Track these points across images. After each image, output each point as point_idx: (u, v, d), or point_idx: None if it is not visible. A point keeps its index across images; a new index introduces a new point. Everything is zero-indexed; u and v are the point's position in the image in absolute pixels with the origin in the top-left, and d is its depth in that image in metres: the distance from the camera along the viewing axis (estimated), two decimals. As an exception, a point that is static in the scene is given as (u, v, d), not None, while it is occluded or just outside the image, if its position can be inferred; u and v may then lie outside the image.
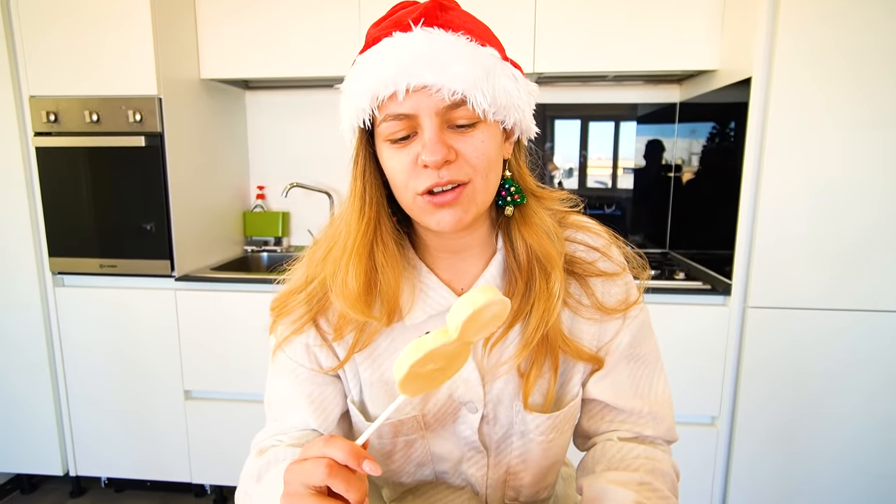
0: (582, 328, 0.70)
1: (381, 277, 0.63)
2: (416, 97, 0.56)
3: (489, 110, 0.57)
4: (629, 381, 0.73)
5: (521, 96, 0.61)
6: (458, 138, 0.58)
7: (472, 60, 0.55)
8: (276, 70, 1.97)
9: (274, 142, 2.38)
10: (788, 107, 1.53)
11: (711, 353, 1.71)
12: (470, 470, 0.74)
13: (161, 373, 1.94)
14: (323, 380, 0.71)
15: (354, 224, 0.62)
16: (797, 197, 1.57)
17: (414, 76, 0.54)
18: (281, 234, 2.38)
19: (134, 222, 1.87)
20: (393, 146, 0.59)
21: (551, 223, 0.67)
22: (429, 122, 0.56)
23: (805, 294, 1.62)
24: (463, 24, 0.58)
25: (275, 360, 0.72)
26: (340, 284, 0.62)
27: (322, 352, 0.69)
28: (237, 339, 1.88)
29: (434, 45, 0.55)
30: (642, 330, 0.73)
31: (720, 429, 1.75)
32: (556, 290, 0.65)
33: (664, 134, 2.24)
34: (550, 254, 0.65)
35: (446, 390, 0.69)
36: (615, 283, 0.71)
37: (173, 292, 1.88)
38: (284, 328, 0.69)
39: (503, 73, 0.58)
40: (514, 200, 0.66)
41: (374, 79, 0.56)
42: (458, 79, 0.54)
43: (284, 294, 0.70)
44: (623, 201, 2.32)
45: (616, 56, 1.84)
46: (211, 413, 1.96)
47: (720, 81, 1.81)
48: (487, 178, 0.60)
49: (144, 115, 1.80)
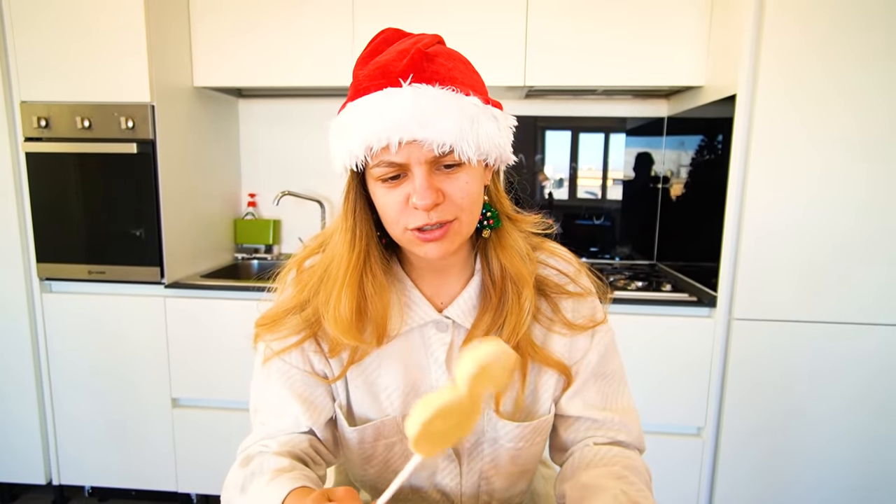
0: (554, 341, 0.77)
1: (370, 305, 0.68)
2: (407, 148, 0.60)
3: (473, 156, 0.62)
4: (599, 397, 0.78)
5: (502, 134, 0.66)
6: (445, 180, 0.63)
7: (458, 113, 0.60)
8: (269, 79, 1.99)
9: (266, 150, 2.40)
10: (772, 123, 1.57)
11: (697, 364, 1.74)
12: (444, 481, 0.78)
13: (148, 380, 1.93)
14: (314, 381, 0.74)
15: (345, 256, 0.67)
16: (781, 211, 1.61)
17: (405, 132, 0.59)
18: (272, 241, 2.38)
19: (124, 229, 1.87)
20: (384, 185, 0.64)
21: (524, 245, 0.74)
22: (419, 170, 0.62)
23: (788, 307, 1.65)
24: (447, 73, 0.62)
25: (265, 366, 0.74)
26: (333, 313, 0.67)
27: (316, 357, 0.74)
28: (226, 347, 1.88)
29: (422, 102, 0.59)
30: (608, 350, 0.80)
31: (706, 439, 1.77)
32: (527, 305, 0.71)
33: (652, 146, 2.28)
34: (522, 273, 0.71)
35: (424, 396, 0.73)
36: (583, 303, 0.78)
37: (163, 299, 1.88)
38: (279, 343, 0.73)
39: (486, 117, 0.63)
40: (489, 225, 0.73)
41: (367, 131, 0.60)
42: (446, 133, 0.59)
43: (276, 313, 0.73)
44: (612, 212, 2.35)
45: (605, 71, 1.88)
46: (198, 421, 1.95)
47: (706, 97, 1.85)
48: (472, 213, 0.67)
49: (137, 122, 1.80)
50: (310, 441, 0.74)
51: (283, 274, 0.77)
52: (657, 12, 1.84)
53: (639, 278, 1.96)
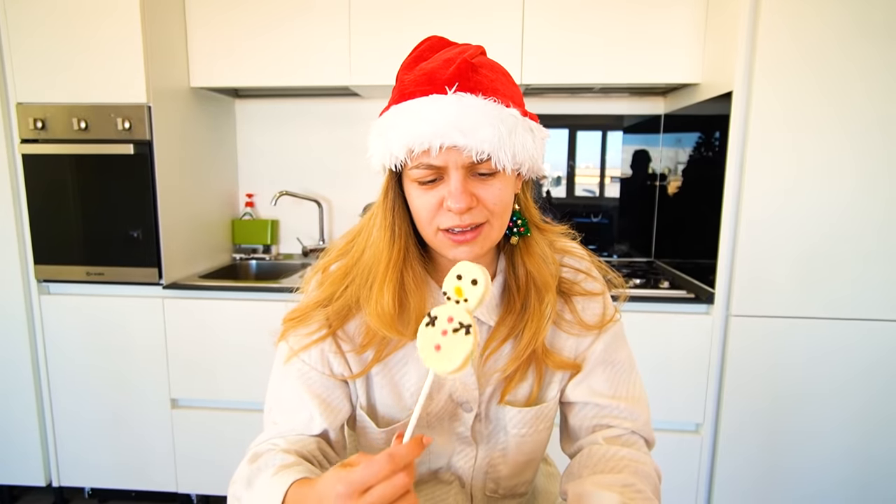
0: (563, 341, 0.79)
1: (410, 298, 0.71)
2: (447, 153, 0.63)
3: (509, 165, 0.64)
4: (606, 384, 0.80)
5: (537, 146, 0.68)
6: (480, 186, 0.66)
7: (498, 123, 0.62)
8: (265, 79, 1.99)
9: (263, 150, 2.40)
10: (767, 120, 1.58)
11: (695, 361, 1.75)
12: (459, 462, 0.82)
13: (147, 381, 1.94)
14: (332, 384, 0.76)
15: (385, 252, 0.70)
16: (777, 207, 1.62)
17: (447, 138, 0.61)
18: (270, 242, 2.39)
19: (121, 230, 1.87)
20: (421, 187, 0.67)
21: (550, 253, 0.77)
22: (455, 175, 0.64)
23: (785, 303, 1.66)
24: (490, 84, 0.65)
25: (285, 366, 0.76)
26: (375, 306, 0.70)
27: (336, 359, 0.75)
28: (225, 348, 1.89)
29: (465, 110, 0.62)
30: (616, 339, 0.82)
31: (704, 436, 1.79)
32: (548, 312, 0.74)
33: (650, 144, 2.28)
34: (547, 280, 0.74)
35: (447, 392, 0.77)
36: (595, 301, 0.81)
37: (161, 300, 1.89)
38: (301, 338, 0.74)
39: (523, 129, 0.65)
40: (519, 232, 0.75)
41: (411, 134, 0.63)
42: (486, 141, 0.62)
43: (304, 307, 0.75)
44: (610, 210, 2.36)
45: (602, 69, 1.89)
46: (198, 422, 1.95)
47: (703, 94, 1.86)
48: (502, 219, 0.69)
49: (133, 123, 1.80)
50: (318, 443, 0.75)
51: (309, 277, 0.79)
52: (653, 10, 1.85)
53: (636, 275, 1.96)
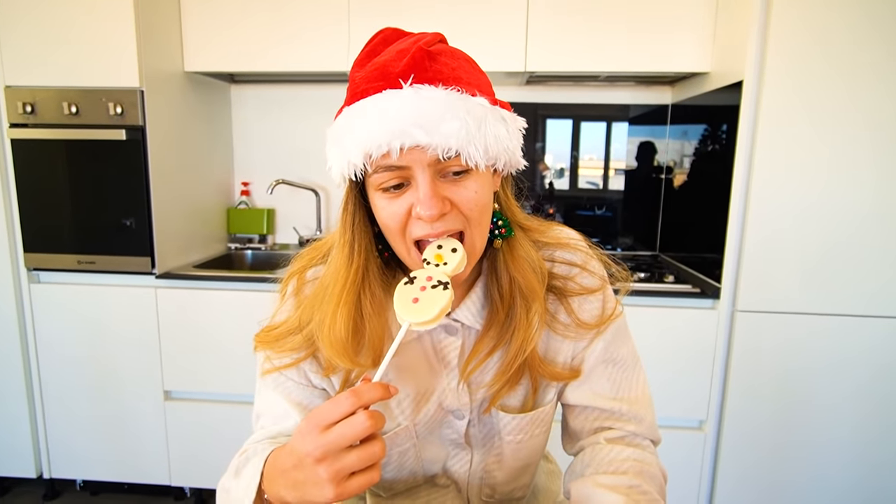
0: (558, 345, 0.74)
1: (367, 325, 0.66)
2: (409, 154, 0.57)
3: (482, 161, 0.59)
4: (608, 385, 0.76)
5: (511, 137, 0.62)
6: (452, 188, 0.60)
7: (464, 115, 0.57)
8: (262, 64, 1.96)
9: (259, 137, 2.38)
10: (779, 111, 1.56)
11: (700, 356, 1.74)
12: (454, 466, 0.79)
13: (140, 373, 1.93)
14: (312, 392, 0.74)
15: (342, 272, 0.65)
16: (787, 201, 1.60)
17: (407, 136, 0.56)
18: (266, 231, 2.37)
19: (113, 218, 1.85)
20: (385, 195, 0.61)
21: (535, 256, 0.71)
22: (423, 177, 0.58)
23: (793, 298, 1.64)
24: (451, 72, 0.59)
25: (263, 378, 0.74)
26: (327, 332, 0.65)
27: (315, 377, 0.73)
28: (219, 339, 1.88)
29: (425, 105, 0.56)
30: (618, 334, 0.77)
31: (707, 433, 1.78)
32: (536, 321, 0.68)
33: (656, 135, 2.26)
34: (533, 287, 0.68)
35: (436, 401, 0.73)
36: (593, 298, 0.74)
37: (154, 290, 1.87)
38: (279, 360, 0.72)
39: (493, 119, 0.60)
40: (500, 234, 0.70)
41: (366, 137, 0.57)
42: (451, 137, 0.56)
43: (276, 333, 0.72)
44: (614, 203, 2.34)
45: (608, 57, 1.86)
46: (191, 414, 1.95)
47: (712, 84, 1.83)
48: (481, 224, 0.64)
49: (126, 108, 1.79)
50: None
51: (283, 284, 0.75)
52: (662, -4, 1.82)
53: (641, 269, 1.95)
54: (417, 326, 0.59)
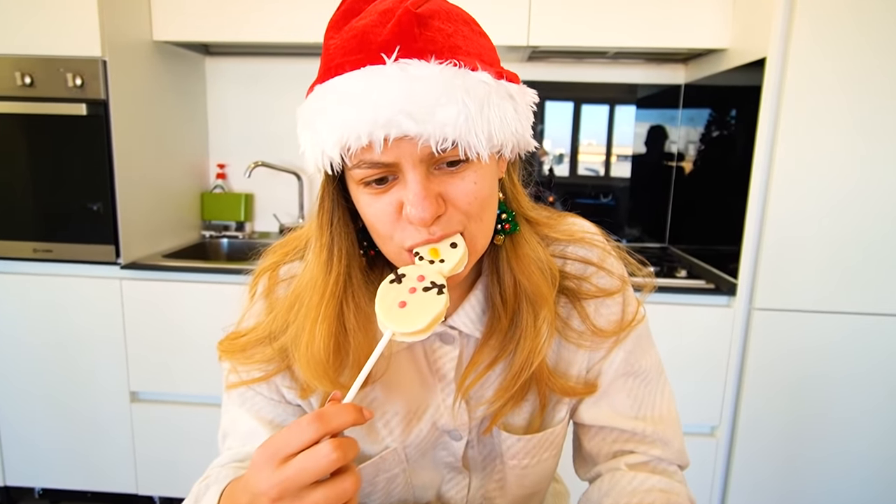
0: (571, 355, 0.68)
1: (351, 341, 0.59)
2: (397, 145, 0.49)
3: (484, 150, 0.50)
4: (628, 402, 0.70)
5: (520, 116, 0.54)
6: (447, 181, 0.53)
7: (462, 97, 0.49)
8: (240, 34, 1.87)
9: (237, 115, 2.30)
10: (806, 92, 1.49)
11: (713, 357, 1.68)
12: (450, 493, 0.73)
13: (104, 372, 1.85)
14: (287, 410, 0.68)
15: (320, 280, 0.58)
16: (811, 191, 1.54)
17: (393, 126, 0.48)
18: (243, 218, 2.30)
19: (73, 202, 1.76)
20: (368, 190, 0.54)
21: (544, 254, 0.64)
22: (413, 174, 0.51)
23: (816, 296, 1.58)
24: (447, 41, 0.51)
25: (229, 393, 0.69)
26: (304, 351, 0.58)
27: (290, 393, 0.67)
28: (191, 336, 1.80)
29: (414, 86, 0.48)
30: (640, 342, 0.70)
31: (720, 439, 1.73)
32: (545, 329, 0.62)
33: (666, 119, 2.20)
34: (541, 290, 0.62)
35: (429, 419, 0.68)
36: (611, 301, 0.69)
37: (118, 281, 1.79)
38: (247, 373, 0.66)
39: (499, 97, 0.52)
40: (504, 230, 0.63)
41: (342, 125, 0.49)
42: (448, 125, 0.48)
43: (244, 342, 0.65)
44: (618, 191, 2.27)
45: (618, 31, 1.78)
46: (160, 417, 1.87)
47: (730, 62, 1.76)
48: (483, 221, 0.56)
49: (86, 80, 1.70)
50: None
51: (252, 283, 0.68)
52: (678, -36, 1.74)
53: (649, 262, 1.89)
54: (403, 337, 0.51)
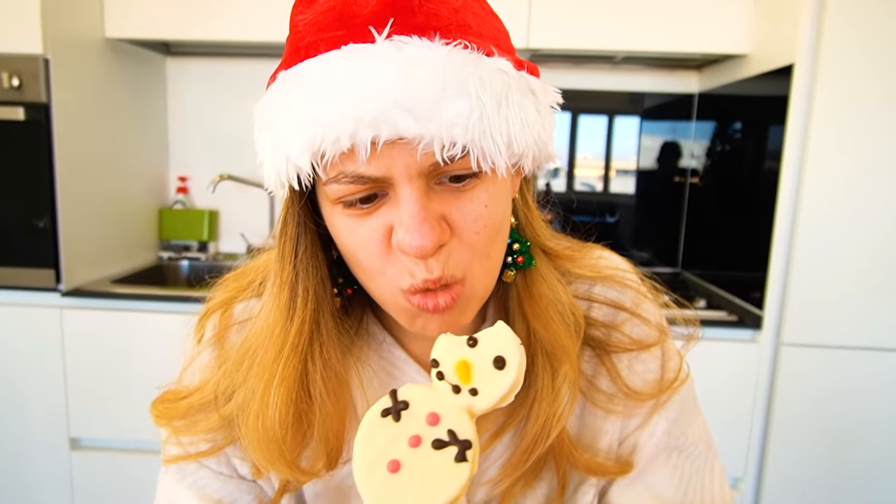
0: (599, 422, 0.60)
1: (317, 411, 0.50)
2: (388, 152, 0.41)
3: (502, 161, 0.43)
4: (673, 484, 0.60)
5: (543, 120, 0.47)
6: (451, 202, 0.45)
7: (476, 89, 0.41)
8: (204, 31, 1.82)
9: (201, 122, 2.23)
10: (839, 103, 1.45)
11: (736, 400, 1.62)
12: None
13: (40, 416, 1.75)
14: (239, 486, 0.60)
15: (279, 329, 0.50)
16: (846, 211, 1.49)
17: (385, 125, 0.40)
18: (207, 237, 2.22)
19: (7, 219, 1.69)
20: (348, 212, 0.45)
21: (565, 295, 0.56)
22: (408, 189, 0.43)
23: (852, 330, 1.52)
24: (454, 16, 0.43)
25: (167, 467, 0.62)
26: (254, 423, 0.50)
27: (244, 466, 0.59)
28: (142, 374, 1.70)
29: (413, 72, 0.40)
30: (685, 408, 0.62)
31: (744, 493, 1.65)
32: (565, 391, 0.54)
33: (677, 131, 2.17)
34: (562, 341, 0.54)
35: None
36: (648, 355, 0.60)
37: (59, 311, 1.70)
38: (192, 444, 0.58)
39: (519, 93, 0.44)
40: (517, 264, 0.55)
41: (315, 123, 0.41)
42: (457, 124, 0.40)
43: (187, 404, 0.57)
44: (624, 209, 2.23)
45: (625, 32, 1.75)
46: (105, 467, 1.77)
47: (752, 69, 1.71)
48: (489, 257, 0.48)
49: (25, 80, 1.63)
50: None
51: (199, 324, 0.61)
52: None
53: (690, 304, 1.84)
54: None
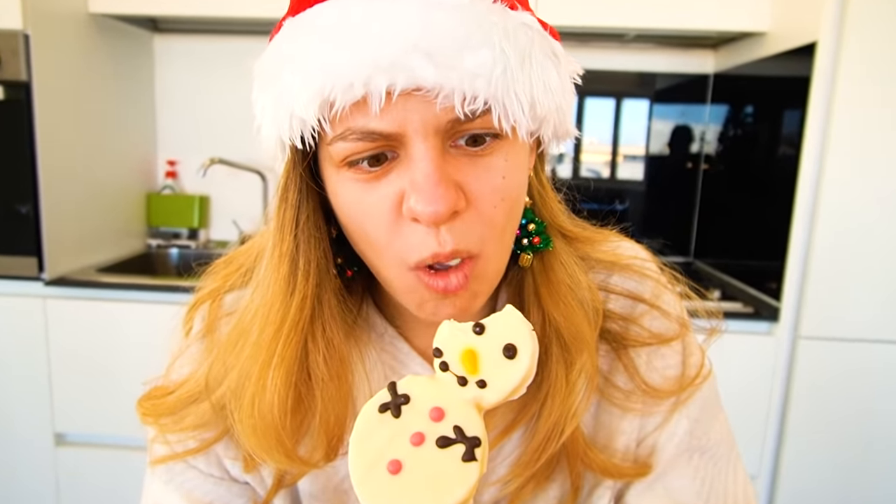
0: (615, 421, 0.59)
1: (318, 395, 0.50)
2: (402, 105, 0.40)
3: (524, 122, 0.42)
4: (694, 487, 0.59)
5: (565, 88, 0.46)
6: (467, 168, 0.43)
7: (500, 41, 0.40)
8: (194, 5, 1.81)
9: (191, 103, 2.21)
10: (865, 84, 1.43)
11: (751, 395, 1.62)
12: None
13: (23, 410, 1.76)
14: (230, 489, 0.60)
15: (278, 305, 0.48)
16: (869, 198, 1.48)
17: (402, 71, 0.38)
18: (197, 224, 2.21)
19: None
20: (355, 175, 0.43)
21: (585, 280, 0.55)
22: (423, 147, 0.41)
23: (874, 322, 1.52)
24: None
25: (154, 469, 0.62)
26: (249, 408, 0.49)
27: (234, 466, 0.59)
28: (130, 367, 1.69)
29: (436, 17, 0.39)
30: (707, 406, 0.60)
31: (760, 491, 1.65)
32: (581, 385, 0.53)
33: (690, 114, 2.15)
34: (579, 330, 0.52)
35: None
36: (669, 350, 0.59)
37: (42, 301, 1.69)
38: (179, 442, 0.58)
39: (543, 53, 0.43)
40: (533, 245, 0.54)
41: (325, 69, 0.40)
42: (480, 75, 0.39)
43: (174, 400, 0.56)
44: (633, 196, 2.23)
45: (636, 7, 1.73)
46: (90, 463, 1.78)
47: (771, 48, 1.69)
48: (505, 233, 0.47)
49: (3, 57, 1.62)
50: None
51: (187, 316, 0.60)
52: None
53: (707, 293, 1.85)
54: None
